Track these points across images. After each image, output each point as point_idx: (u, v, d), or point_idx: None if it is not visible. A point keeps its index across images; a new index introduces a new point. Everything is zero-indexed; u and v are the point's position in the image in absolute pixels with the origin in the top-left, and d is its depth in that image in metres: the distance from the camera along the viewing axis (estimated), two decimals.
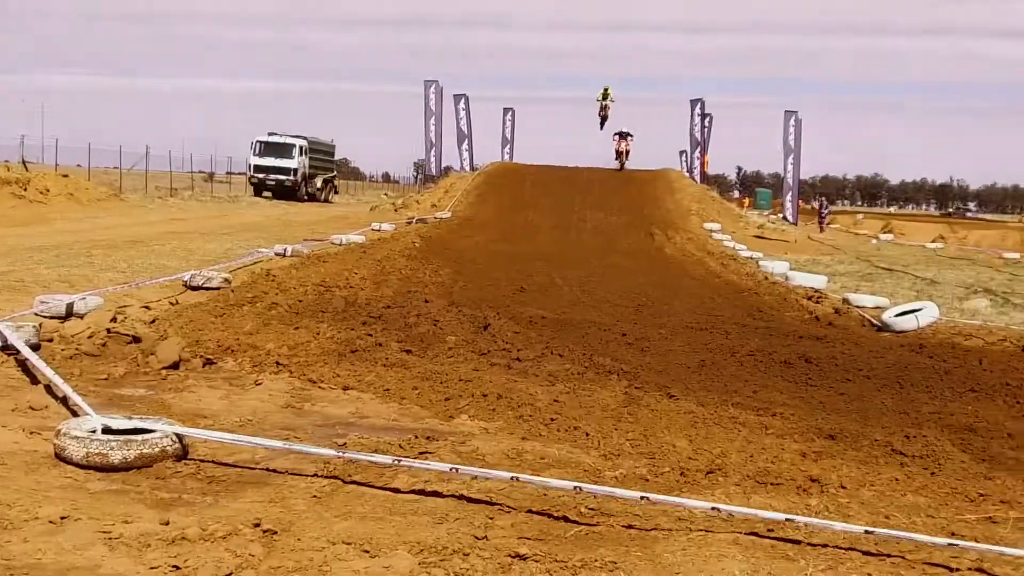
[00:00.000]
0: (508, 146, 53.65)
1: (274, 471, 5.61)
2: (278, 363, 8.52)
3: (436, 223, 29.06)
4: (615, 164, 42.07)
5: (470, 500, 5.19)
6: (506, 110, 54.22)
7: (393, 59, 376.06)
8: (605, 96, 46.36)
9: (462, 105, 49.65)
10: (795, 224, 46.38)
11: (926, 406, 8.41)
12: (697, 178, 44.69)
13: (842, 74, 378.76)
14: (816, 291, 17.67)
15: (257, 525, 4.60)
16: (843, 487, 5.75)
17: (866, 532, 4.73)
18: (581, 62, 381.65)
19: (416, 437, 6.44)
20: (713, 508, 4.97)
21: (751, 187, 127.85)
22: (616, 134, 42.95)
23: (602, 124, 46.52)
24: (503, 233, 27.61)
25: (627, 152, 41.98)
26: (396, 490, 5.33)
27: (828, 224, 51.23)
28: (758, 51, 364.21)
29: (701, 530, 4.86)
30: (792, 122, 46.50)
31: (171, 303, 11.37)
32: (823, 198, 65.74)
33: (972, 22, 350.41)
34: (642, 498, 5.01)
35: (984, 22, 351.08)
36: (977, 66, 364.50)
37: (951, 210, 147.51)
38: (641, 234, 30.03)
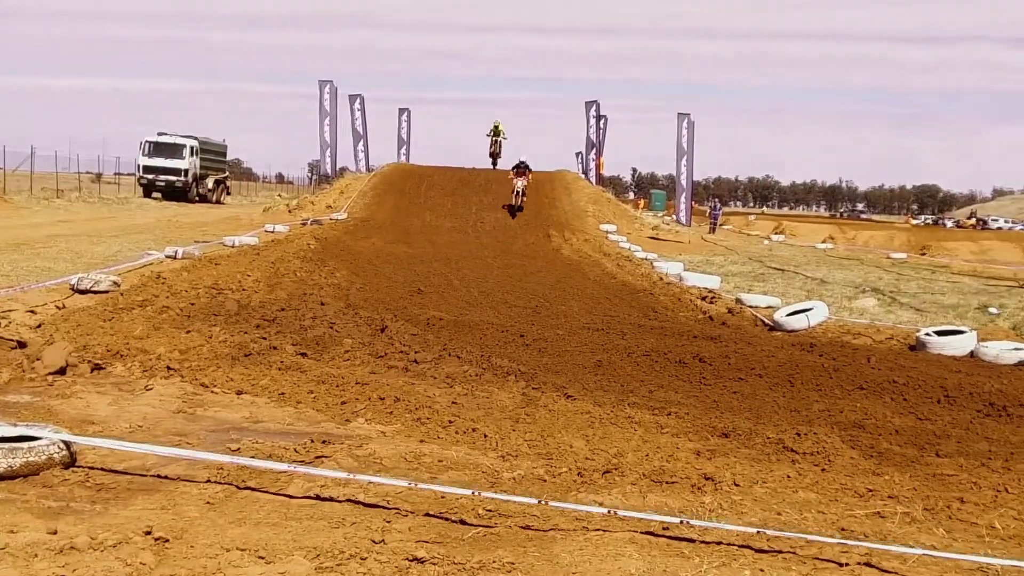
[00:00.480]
0: (404, 147, 53.37)
1: (166, 478, 5.49)
2: (169, 368, 8.35)
3: (331, 224, 28.76)
4: (513, 201, 34.17)
5: (367, 504, 5.15)
6: (402, 110, 53.96)
7: (287, 59, 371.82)
8: (496, 132, 42.99)
9: (357, 105, 49.26)
10: (689, 225, 47.04)
11: (817, 404, 8.59)
12: (593, 179, 44.91)
13: (735, 78, 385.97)
14: (710, 291, 17.91)
15: (148, 533, 4.50)
16: (736, 484, 5.83)
17: (759, 532, 4.81)
18: (478, 63, 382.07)
19: (312, 441, 6.36)
20: (610, 511, 5.01)
21: (646, 189, 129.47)
22: (514, 169, 34.86)
23: (494, 162, 42.90)
24: (400, 234, 27.48)
25: (525, 191, 34.15)
26: (291, 495, 5.26)
27: (721, 225, 52.06)
28: (653, 54, 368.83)
29: (598, 529, 4.89)
30: (685, 124, 47.12)
31: (58, 307, 11.08)
32: (716, 200, 66.81)
33: (860, 26, 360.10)
34: (539, 502, 5.02)
35: (872, 26, 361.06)
36: (866, 70, 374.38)
37: (844, 212, 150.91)
38: (538, 235, 30.15)
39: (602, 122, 49.69)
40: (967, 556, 4.73)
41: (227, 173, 58.98)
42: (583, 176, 44.48)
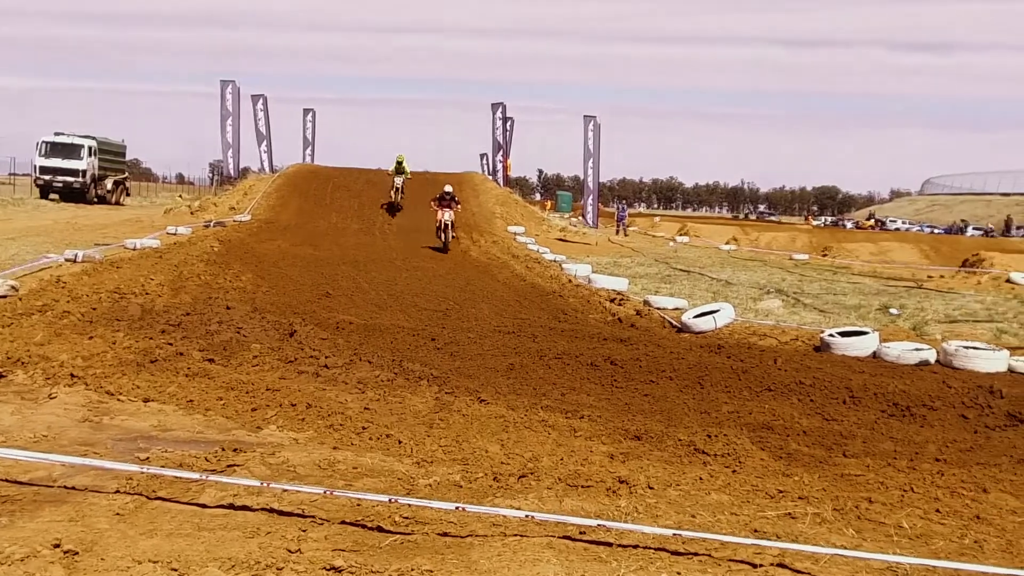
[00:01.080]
0: (309, 147, 52.90)
1: (73, 488, 5.34)
2: (73, 375, 8.12)
3: (235, 226, 28.32)
4: (440, 237, 27.10)
5: (281, 513, 5.07)
6: (306, 111, 53.49)
7: (186, 58, 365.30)
8: (400, 170, 34.18)
9: (260, 106, 48.66)
10: (596, 227, 47.33)
11: (726, 405, 8.71)
12: (500, 181, 44.92)
13: (639, 80, 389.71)
14: (618, 293, 18.03)
15: (57, 546, 4.37)
16: (651, 487, 5.88)
17: (674, 534, 4.84)
18: (383, 64, 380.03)
19: (223, 450, 6.24)
20: (528, 516, 5.00)
21: (552, 190, 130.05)
22: (436, 200, 27.66)
23: (394, 211, 34.00)
24: (306, 236, 27.19)
25: (454, 225, 27.46)
26: (204, 505, 5.15)
27: (627, 227, 52.49)
28: (559, 56, 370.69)
29: (516, 535, 4.88)
30: (591, 127, 47.42)
31: None
32: (623, 202, 67.33)
33: (761, 31, 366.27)
34: (456, 508, 5.00)
35: (773, 31, 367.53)
36: (766, 73, 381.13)
37: (758, 213, 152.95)
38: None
39: (508, 124, 49.77)
40: (877, 555, 4.83)
41: (126, 174, 57.65)
42: (490, 178, 44.47)
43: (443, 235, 27.01)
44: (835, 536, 5.22)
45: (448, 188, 28.35)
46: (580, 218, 49.22)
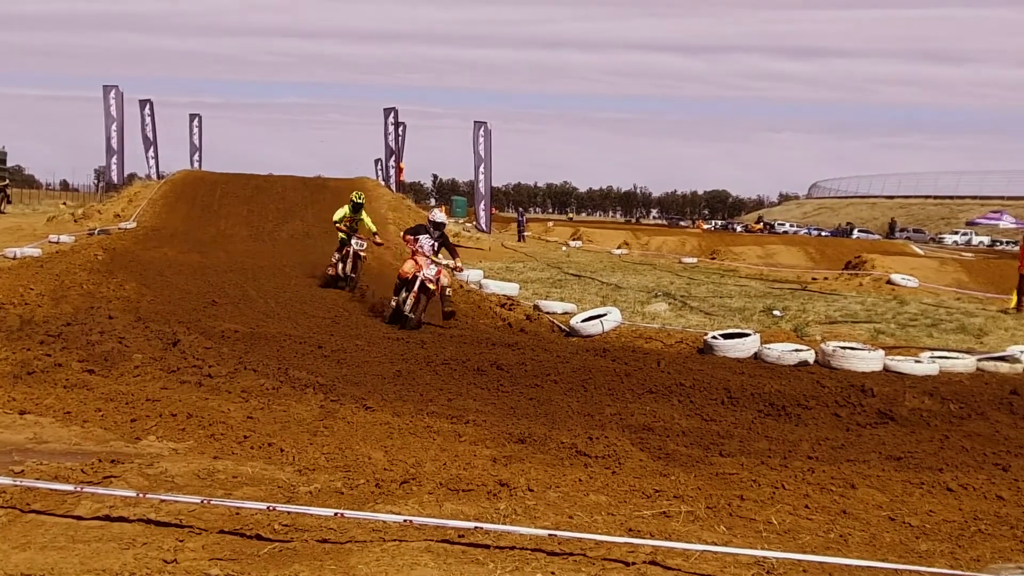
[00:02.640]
0: (197, 153, 52.17)
1: None
2: None
3: (120, 234, 27.73)
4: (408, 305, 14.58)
5: (158, 523, 5.04)
6: (192, 116, 52.77)
7: (68, 63, 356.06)
8: (354, 223, 20.72)
9: (147, 111, 47.81)
10: (489, 232, 47.46)
11: (609, 408, 8.86)
12: (393, 187, 44.73)
13: (532, 86, 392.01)
14: (509, 298, 18.13)
15: None
16: (531, 490, 5.97)
17: (550, 535, 4.94)
18: (273, 68, 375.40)
19: (100, 461, 6.16)
20: (406, 520, 5.05)
21: (447, 195, 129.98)
22: (420, 233, 15.58)
23: (350, 282, 19.98)
24: (193, 244, 26.72)
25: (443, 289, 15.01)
26: (79, 517, 5.09)
27: (525, 232, 52.66)
28: (452, 62, 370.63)
29: (395, 540, 4.93)
30: (482, 132, 47.54)
31: None
32: (520, 208, 67.63)
33: (652, 37, 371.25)
34: (335, 514, 5.02)
35: (662, 37, 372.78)
36: (657, 80, 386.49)
37: (676, 218, 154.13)
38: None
39: (401, 129, 49.67)
40: (745, 551, 4.98)
41: (7, 180, 56.11)
42: (383, 183, 44.27)
43: (415, 302, 14.55)
44: (707, 533, 5.37)
45: (438, 216, 15.98)
46: (474, 223, 49.25)
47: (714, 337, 13.15)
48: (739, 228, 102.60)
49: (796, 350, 13.01)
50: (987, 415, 9.20)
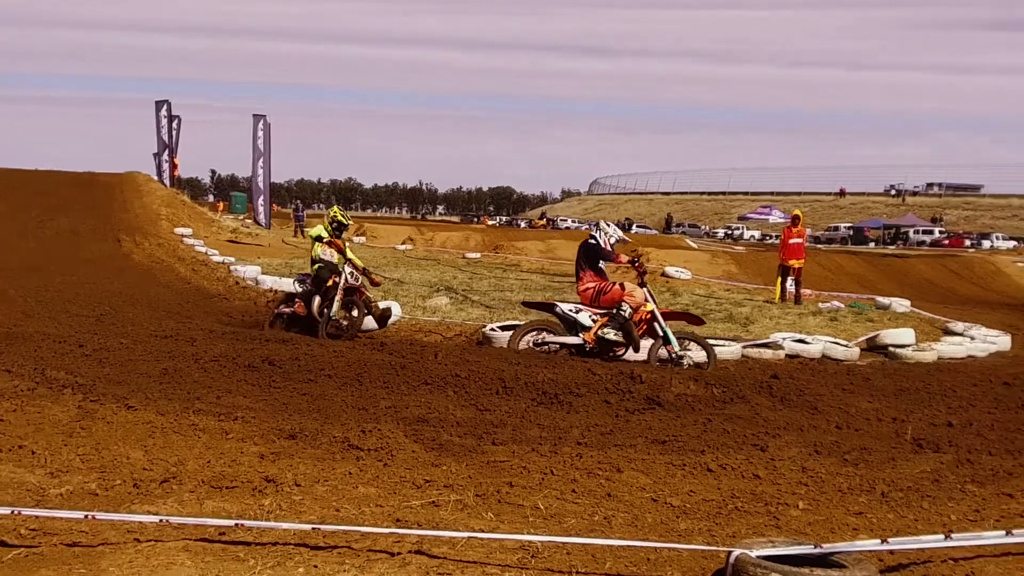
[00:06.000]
0: None
1: None
2: None
3: None
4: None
5: None
6: None
7: None
8: (341, 228, 14.75)
9: None
10: (269, 228, 46.52)
11: (384, 401, 8.81)
12: (167, 182, 43.25)
13: (317, 79, 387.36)
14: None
15: None
16: (298, 485, 5.87)
17: (313, 528, 4.86)
18: (42, 60, 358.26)
19: None
20: (163, 520, 4.87)
21: (227, 191, 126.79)
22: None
23: (347, 310, 14.25)
24: None
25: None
26: None
27: (304, 228, 51.88)
28: (230, 54, 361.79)
29: (151, 540, 4.75)
30: (261, 126, 46.45)
31: None
32: (298, 202, 66.71)
33: (437, 33, 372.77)
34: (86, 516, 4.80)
35: (447, 33, 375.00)
36: (443, 75, 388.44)
37: (471, 215, 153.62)
38: (108, 241, 28.66)
39: (175, 122, 48.06)
40: (511, 536, 5.03)
41: None
42: (156, 178, 42.75)
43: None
44: (474, 520, 5.40)
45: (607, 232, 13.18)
46: (253, 219, 48.18)
47: (492, 329, 13.30)
48: (523, 224, 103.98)
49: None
50: (748, 399, 9.60)
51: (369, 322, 13.84)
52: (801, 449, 7.54)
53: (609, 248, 12.83)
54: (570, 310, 12.42)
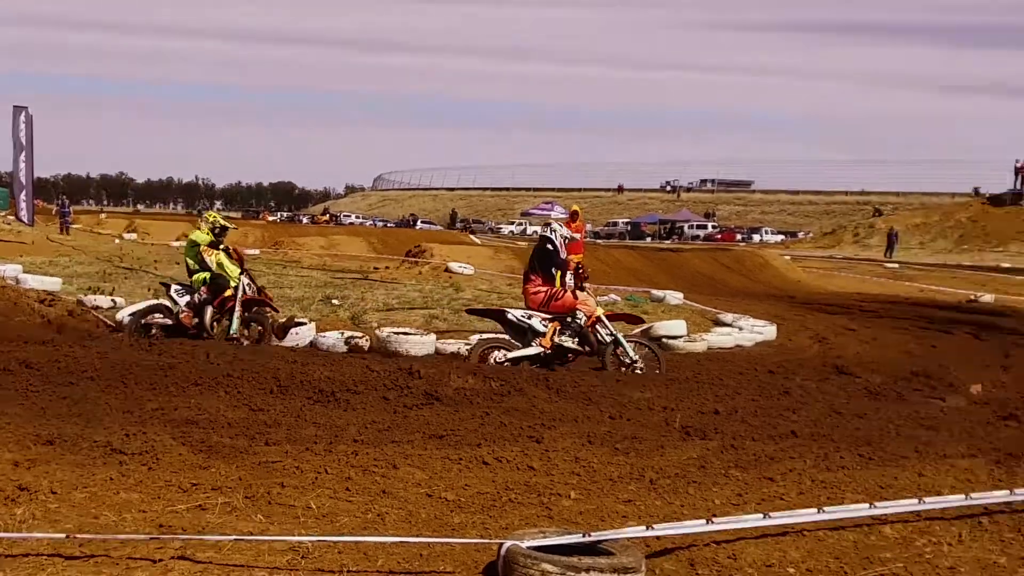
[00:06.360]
0: None
1: None
2: None
3: None
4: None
5: None
6: None
7: None
8: (223, 232, 15.22)
9: None
10: (32, 225, 44.25)
11: (151, 403, 8.47)
12: None
13: (82, 69, 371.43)
14: (50, 294, 16.97)
15: None
16: (54, 492, 5.57)
17: (69, 538, 4.61)
18: None
19: None
20: None
21: None
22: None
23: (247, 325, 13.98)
24: None
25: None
26: None
27: (71, 224, 49.66)
28: None
29: None
30: (23, 118, 44.00)
31: None
32: (64, 197, 63.71)
33: (214, 24, 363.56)
34: None
35: (225, 24, 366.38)
36: (219, 67, 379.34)
37: (254, 210, 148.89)
38: None
39: None
40: (280, 537, 4.92)
41: None
42: None
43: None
44: (243, 523, 5.25)
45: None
46: (15, 216, 45.71)
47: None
48: (305, 220, 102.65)
49: (351, 337, 13.20)
50: (525, 391, 9.70)
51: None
52: (575, 440, 7.66)
53: (563, 256, 12.77)
54: (523, 316, 12.34)
